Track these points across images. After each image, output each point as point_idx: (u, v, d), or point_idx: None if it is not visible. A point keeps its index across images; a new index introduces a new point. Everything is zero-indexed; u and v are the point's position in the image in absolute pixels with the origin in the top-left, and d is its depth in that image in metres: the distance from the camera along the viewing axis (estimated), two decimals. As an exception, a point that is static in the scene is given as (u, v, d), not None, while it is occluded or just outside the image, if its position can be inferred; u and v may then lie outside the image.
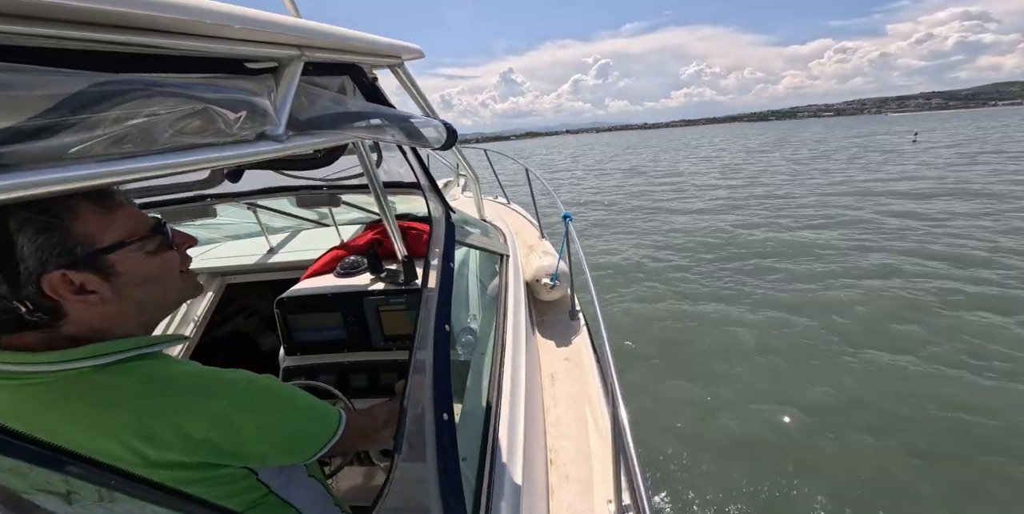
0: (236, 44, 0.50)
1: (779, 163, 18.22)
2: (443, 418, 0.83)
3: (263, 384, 0.67)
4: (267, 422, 0.65)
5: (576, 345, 2.03)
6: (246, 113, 0.48)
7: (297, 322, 1.53)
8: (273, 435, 0.66)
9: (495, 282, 1.96)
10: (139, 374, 0.58)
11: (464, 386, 1.28)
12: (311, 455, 0.72)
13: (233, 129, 0.49)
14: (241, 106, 0.48)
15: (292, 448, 0.70)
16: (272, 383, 0.70)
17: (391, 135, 0.87)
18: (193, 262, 0.73)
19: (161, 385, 0.59)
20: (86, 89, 0.31)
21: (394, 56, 1.01)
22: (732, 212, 9.97)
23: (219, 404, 0.60)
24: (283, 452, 0.69)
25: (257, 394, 0.65)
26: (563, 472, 1.33)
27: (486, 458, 1.00)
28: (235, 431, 0.61)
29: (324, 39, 0.67)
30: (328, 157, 1.20)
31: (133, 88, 0.34)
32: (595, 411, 1.57)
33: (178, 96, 0.39)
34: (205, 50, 0.46)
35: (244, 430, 0.62)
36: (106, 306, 0.59)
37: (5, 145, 0.31)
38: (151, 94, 0.36)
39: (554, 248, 2.67)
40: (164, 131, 0.41)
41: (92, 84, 0.32)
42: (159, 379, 0.59)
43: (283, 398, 0.70)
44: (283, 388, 0.72)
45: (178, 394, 0.59)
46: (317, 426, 0.74)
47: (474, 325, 1.67)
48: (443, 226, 1.21)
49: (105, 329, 0.60)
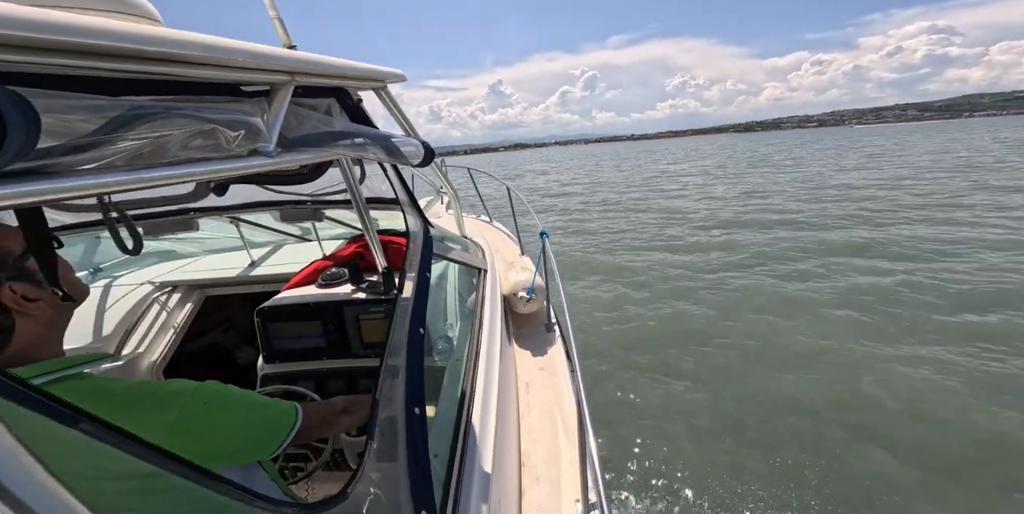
0: (236, 71, 0.58)
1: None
2: (415, 412, 0.88)
3: (211, 389, 0.69)
4: (224, 423, 0.68)
5: (551, 355, 2.10)
6: (243, 132, 0.56)
7: (277, 331, 1.57)
8: (233, 434, 0.69)
9: (473, 295, 2.03)
10: (76, 393, 0.56)
11: (439, 390, 1.34)
12: (275, 448, 0.76)
13: (231, 146, 0.57)
14: (239, 125, 0.56)
15: (255, 444, 0.74)
16: (219, 387, 0.72)
17: (372, 153, 0.95)
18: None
19: (102, 402, 0.57)
20: (124, 113, 0.39)
21: (378, 80, 1.11)
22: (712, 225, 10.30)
23: (169, 416, 0.61)
24: (247, 448, 0.72)
25: (207, 399, 0.67)
26: (534, 474, 1.38)
27: (456, 455, 1.05)
28: (193, 436, 0.61)
29: (312, 67, 0.76)
30: (313, 173, 1.27)
31: (156, 111, 0.42)
32: (565, 417, 1.63)
33: (190, 117, 0.47)
34: (210, 77, 0.54)
35: (203, 434, 0.63)
36: (46, 315, 0.60)
37: (59, 157, 0.38)
38: (170, 116, 0.44)
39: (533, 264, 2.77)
40: (173, 147, 0.48)
41: (129, 108, 0.40)
42: (99, 396, 0.57)
43: (235, 399, 0.73)
44: (232, 390, 0.74)
45: (123, 409, 0.57)
46: (275, 419, 0.77)
47: (451, 334, 1.73)
48: (420, 239, 1.28)
49: (39, 347, 0.60)
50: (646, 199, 14.94)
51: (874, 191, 12.74)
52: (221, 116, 0.52)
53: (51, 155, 0.34)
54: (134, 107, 0.41)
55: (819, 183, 15.41)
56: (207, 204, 1.77)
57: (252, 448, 0.74)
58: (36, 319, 0.59)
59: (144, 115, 0.41)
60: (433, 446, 0.94)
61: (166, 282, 2.11)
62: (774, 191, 14.40)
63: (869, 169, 18.87)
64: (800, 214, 10.22)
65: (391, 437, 0.84)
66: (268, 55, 0.62)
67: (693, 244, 8.32)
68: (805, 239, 7.95)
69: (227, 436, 0.68)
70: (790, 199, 12.51)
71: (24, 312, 0.57)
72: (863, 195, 12.21)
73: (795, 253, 7.16)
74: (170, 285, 2.11)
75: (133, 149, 0.43)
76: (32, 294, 0.58)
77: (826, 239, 7.82)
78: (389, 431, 0.84)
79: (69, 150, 0.36)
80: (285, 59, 0.67)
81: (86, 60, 0.39)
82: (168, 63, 0.47)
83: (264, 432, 0.75)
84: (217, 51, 0.53)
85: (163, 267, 2.39)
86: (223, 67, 0.57)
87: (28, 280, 0.58)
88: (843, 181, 15.45)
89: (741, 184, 16.97)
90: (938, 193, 11.58)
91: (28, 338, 0.58)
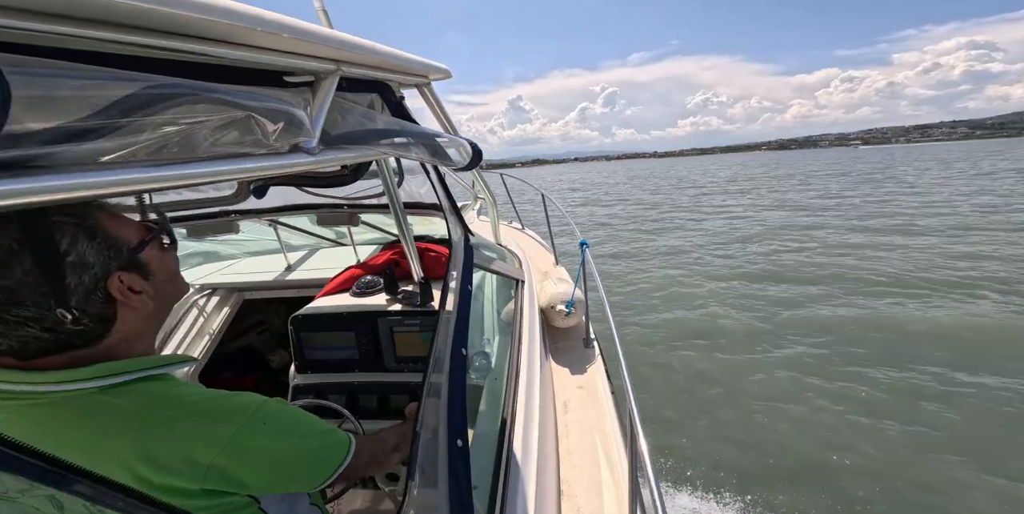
0: (279, 56, 0.51)
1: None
2: (456, 445, 0.80)
3: (273, 409, 0.65)
4: (277, 448, 0.63)
5: (591, 373, 1.98)
6: (283, 124, 0.49)
7: (310, 340, 1.52)
8: (283, 462, 0.64)
9: (510, 307, 1.94)
10: (146, 396, 0.56)
11: (477, 411, 1.24)
12: (321, 482, 0.69)
13: (270, 140, 0.50)
14: (280, 117, 0.49)
15: (302, 475, 0.68)
16: (282, 408, 0.68)
17: (416, 153, 0.88)
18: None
19: (168, 408, 0.57)
20: (138, 92, 0.31)
21: (422, 75, 1.03)
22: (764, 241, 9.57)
23: (228, 430, 0.58)
24: (292, 479, 0.67)
25: (268, 419, 0.63)
26: (575, 503, 1.27)
27: (498, 486, 0.96)
28: (244, 458, 0.58)
29: (361, 54, 0.69)
30: (353, 174, 1.21)
31: (181, 92, 0.35)
32: (607, 441, 1.51)
33: (223, 103, 0.39)
34: (250, 61, 0.47)
35: (253, 457, 0.59)
36: (147, 309, 0.60)
37: (50, 145, 0.31)
38: (198, 100, 0.36)
39: (569, 274, 2.65)
40: (205, 139, 0.41)
41: (144, 86, 0.32)
42: (166, 402, 0.57)
43: (294, 424, 0.68)
44: (293, 413, 0.70)
45: (186, 418, 0.57)
46: (328, 453, 0.71)
47: (488, 349, 1.64)
48: (462, 249, 1.20)
49: (133, 341, 0.60)
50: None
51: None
52: (259, 103, 0.44)
53: (29, 141, 0.26)
54: (151, 86, 0.33)
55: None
56: (246, 206, 1.76)
57: (293, 481, 0.67)
58: (137, 312, 0.59)
59: (165, 96, 0.33)
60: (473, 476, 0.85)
61: (206, 284, 2.12)
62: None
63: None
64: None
65: (432, 471, 0.76)
66: (317, 35, 0.55)
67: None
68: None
69: (273, 463, 0.62)
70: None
71: (128, 303, 0.57)
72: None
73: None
74: (210, 287, 2.12)
75: (154, 141, 0.35)
76: (138, 286, 0.58)
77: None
78: (430, 465, 0.76)
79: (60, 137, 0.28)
80: (335, 41, 0.59)
81: (87, 28, 0.31)
82: (201, 40, 0.39)
83: (311, 466, 0.69)
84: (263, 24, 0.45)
85: (206, 268, 2.41)
86: (266, 50, 0.50)
87: (138, 271, 0.59)
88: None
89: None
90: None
91: (126, 331, 0.59)
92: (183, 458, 0.54)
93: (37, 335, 0.51)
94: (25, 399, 0.52)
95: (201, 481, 0.55)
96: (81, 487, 0.46)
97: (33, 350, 0.52)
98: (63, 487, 0.45)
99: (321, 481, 0.69)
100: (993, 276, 6.47)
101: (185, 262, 2.51)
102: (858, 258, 8.10)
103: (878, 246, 8.88)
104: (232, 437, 0.58)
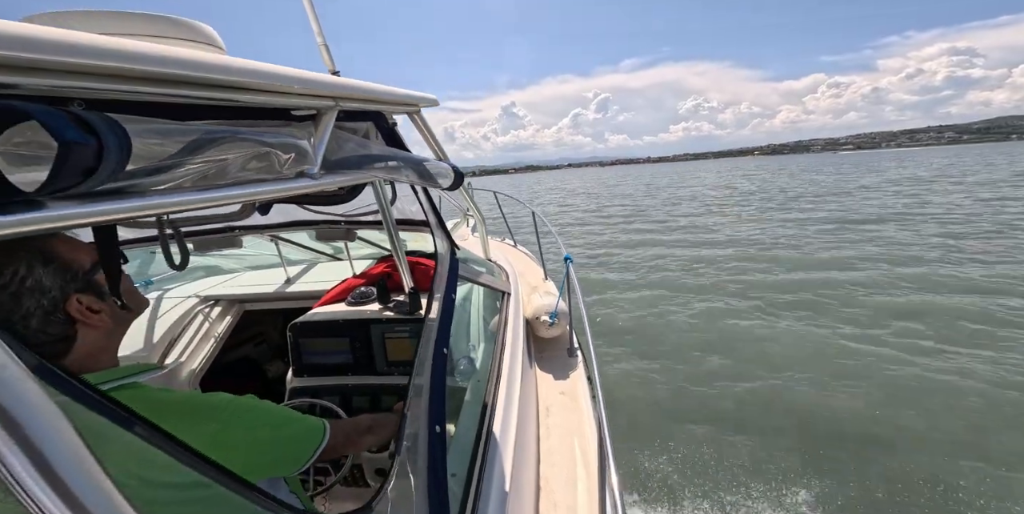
0: (288, 97, 0.65)
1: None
2: (435, 430, 0.90)
3: (247, 403, 0.73)
4: (260, 438, 0.71)
5: (572, 380, 2.07)
6: (293, 155, 0.63)
7: (308, 345, 1.62)
8: (265, 449, 0.72)
9: (496, 318, 2.05)
10: (127, 403, 0.60)
11: (459, 410, 1.34)
12: (305, 462, 0.78)
13: (282, 169, 0.63)
14: (290, 149, 0.62)
15: (286, 459, 0.76)
16: (255, 402, 0.76)
17: (406, 175, 1.01)
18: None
19: (153, 413, 0.59)
20: (199, 138, 0.45)
21: (412, 104, 1.18)
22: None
23: (211, 426, 0.64)
24: (278, 464, 0.75)
25: (246, 413, 0.71)
26: (552, 499, 1.35)
27: (474, 474, 1.05)
28: (230, 450, 0.64)
29: (355, 92, 0.83)
30: (350, 194, 1.35)
31: (224, 135, 0.48)
32: (585, 443, 1.60)
33: (252, 141, 0.53)
34: (266, 102, 0.61)
35: (239, 448, 0.67)
36: (107, 326, 0.63)
37: (141, 178, 0.43)
38: (235, 139, 0.50)
39: (557, 288, 2.76)
40: (235, 168, 0.54)
41: (204, 132, 0.45)
42: (149, 407, 0.58)
43: (269, 414, 0.76)
44: (266, 405, 0.78)
45: (172, 420, 0.59)
46: (305, 436, 0.80)
47: (473, 355, 1.74)
48: (447, 261, 1.32)
49: (96, 357, 0.63)
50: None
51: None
52: (276, 139, 0.58)
53: (135, 176, 0.39)
54: (207, 132, 0.46)
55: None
56: (250, 222, 1.89)
57: (279, 463, 0.76)
58: (97, 330, 0.62)
59: (215, 139, 0.47)
60: (452, 465, 0.94)
61: (209, 296, 2.23)
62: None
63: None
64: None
65: (413, 455, 0.86)
66: (317, 81, 0.69)
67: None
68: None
69: (259, 450, 0.71)
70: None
71: (87, 323, 0.60)
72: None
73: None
74: (213, 299, 2.22)
75: (201, 171, 0.48)
76: (96, 306, 0.61)
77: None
78: (412, 449, 0.86)
79: (151, 172, 0.41)
80: (331, 85, 0.74)
81: (160, 87, 0.45)
82: (231, 89, 0.53)
83: (292, 448, 0.78)
84: (275, 78, 0.60)
85: (208, 281, 2.52)
86: (278, 93, 0.64)
87: (94, 292, 0.61)
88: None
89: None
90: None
91: (88, 348, 0.61)
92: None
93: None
94: None
95: (190, 474, 0.59)
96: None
97: None
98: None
99: (305, 461, 0.78)
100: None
101: (189, 275, 2.64)
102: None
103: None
104: (216, 433, 0.64)
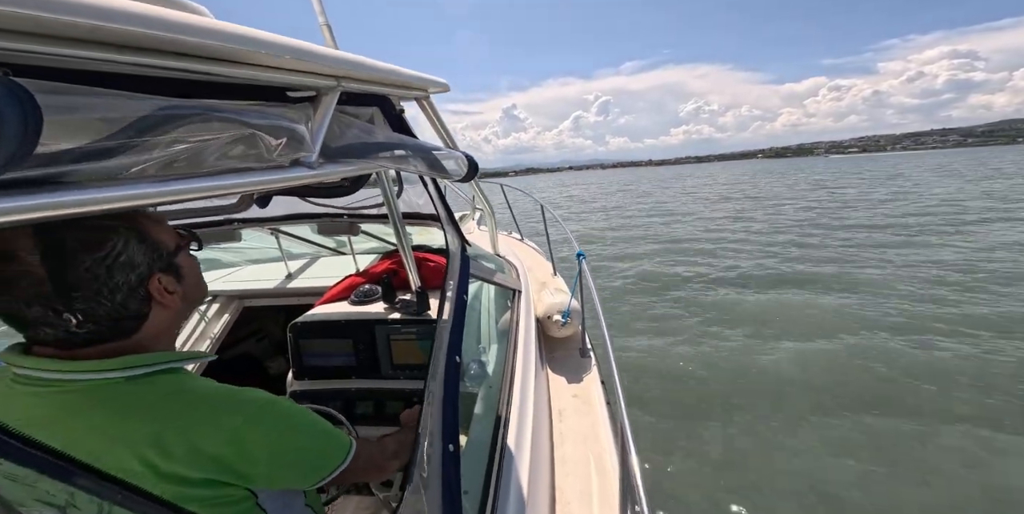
0: (282, 73, 0.55)
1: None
2: (449, 449, 0.82)
3: (282, 405, 0.68)
4: (281, 443, 0.65)
5: (586, 383, 1.99)
6: (286, 139, 0.52)
7: (308, 347, 1.54)
8: (285, 457, 0.66)
9: (506, 317, 1.96)
10: (164, 387, 0.60)
11: (471, 418, 1.26)
12: (318, 480, 0.71)
13: (273, 155, 0.53)
14: (282, 133, 0.52)
15: (301, 471, 0.70)
16: (290, 405, 0.71)
17: (414, 166, 0.91)
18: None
19: (183, 398, 0.60)
20: (153, 113, 0.35)
21: (421, 89, 1.07)
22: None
23: (235, 420, 0.61)
24: (291, 475, 0.69)
25: (274, 414, 0.66)
26: (567, 511, 1.27)
27: (489, 492, 0.97)
28: (248, 449, 0.61)
29: (360, 70, 0.72)
30: (353, 185, 1.25)
31: (193, 112, 0.38)
32: (600, 450, 1.51)
33: (230, 121, 0.43)
34: (254, 78, 0.51)
35: (257, 449, 0.62)
36: (176, 308, 0.66)
37: (71, 164, 0.34)
38: (207, 118, 0.40)
39: (567, 285, 2.67)
40: (212, 154, 0.44)
41: (159, 108, 0.35)
42: (182, 393, 0.61)
43: (299, 421, 0.70)
44: (299, 411, 0.72)
45: (198, 408, 0.60)
46: (328, 452, 0.73)
47: (484, 358, 1.65)
48: (459, 259, 1.23)
49: (160, 337, 0.65)
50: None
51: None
52: (263, 121, 0.47)
53: (60, 161, 0.29)
54: (165, 107, 0.36)
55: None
56: (249, 215, 1.80)
57: (291, 476, 0.69)
58: (168, 310, 0.65)
59: (177, 117, 0.37)
60: (465, 481, 0.86)
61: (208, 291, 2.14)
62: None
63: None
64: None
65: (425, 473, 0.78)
66: (316, 54, 0.59)
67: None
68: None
69: (274, 457, 0.65)
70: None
71: (162, 302, 0.63)
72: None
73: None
74: (212, 294, 2.14)
75: (165, 157, 0.38)
76: (172, 287, 0.64)
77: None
78: (424, 469, 0.78)
79: (84, 156, 0.31)
80: (333, 60, 0.63)
81: (108, 52, 0.34)
82: (209, 60, 0.43)
83: (310, 463, 0.71)
84: (265, 47, 0.49)
85: (208, 276, 2.43)
86: (269, 68, 0.53)
87: (174, 273, 0.65)
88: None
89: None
90: None
91: (155, 328, 0.64)
92: (189, 446, 0.56)
93: (82, 327, 0.56)
94: (53, 386, 0.56)
95: (203, 470, 0.57)
96: (82, 481, 0.48)
97: (76, 341, 0.57)
98: (65, 480, 0.47)
99: (319, 478, 0.71)
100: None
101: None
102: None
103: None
104: (239, 428, 0.60)
